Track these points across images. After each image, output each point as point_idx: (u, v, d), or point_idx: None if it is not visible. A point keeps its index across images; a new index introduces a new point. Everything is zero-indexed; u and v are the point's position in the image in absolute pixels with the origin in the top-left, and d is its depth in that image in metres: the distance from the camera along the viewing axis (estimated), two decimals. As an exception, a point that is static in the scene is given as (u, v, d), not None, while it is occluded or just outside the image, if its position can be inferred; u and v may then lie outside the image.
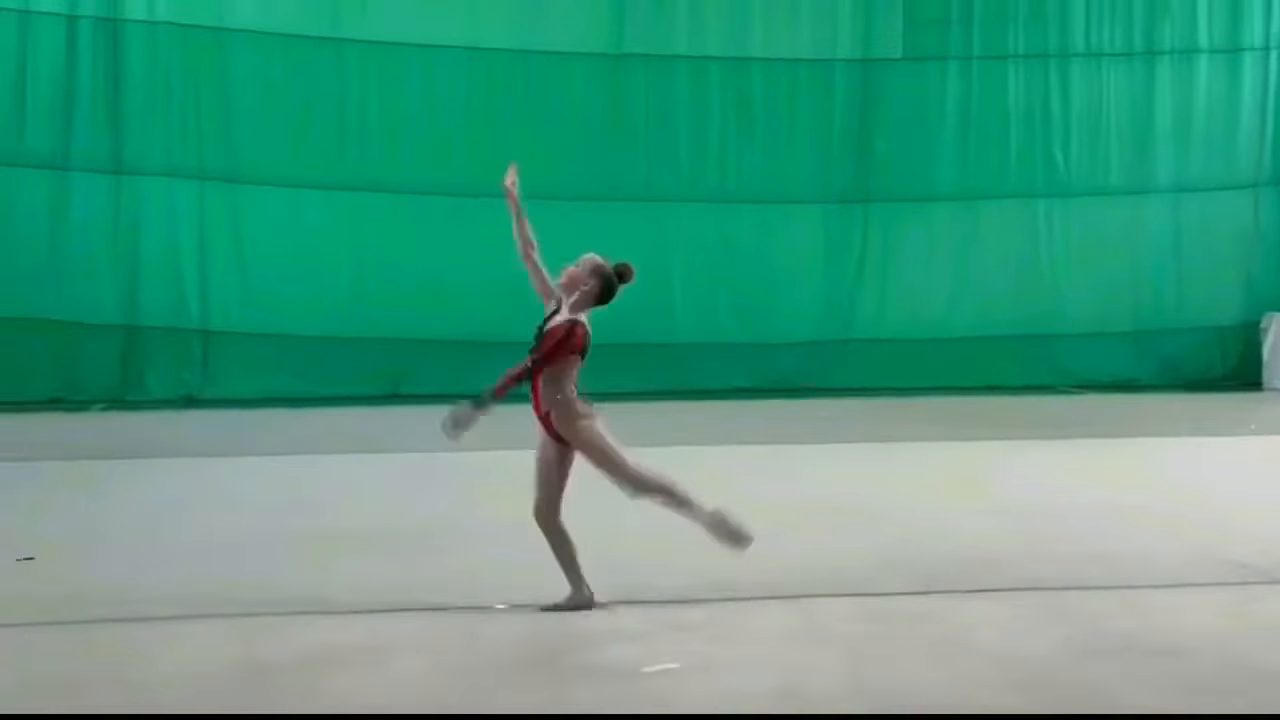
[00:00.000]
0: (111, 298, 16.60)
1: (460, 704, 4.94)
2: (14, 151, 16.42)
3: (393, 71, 17.23)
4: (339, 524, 8.48)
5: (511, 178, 6.77)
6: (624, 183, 17.50)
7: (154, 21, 16.78)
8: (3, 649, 5.62)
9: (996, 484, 9.99)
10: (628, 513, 8.77)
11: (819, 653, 5.58)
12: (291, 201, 17.11)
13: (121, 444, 12.74)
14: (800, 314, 17.75)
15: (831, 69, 17.85)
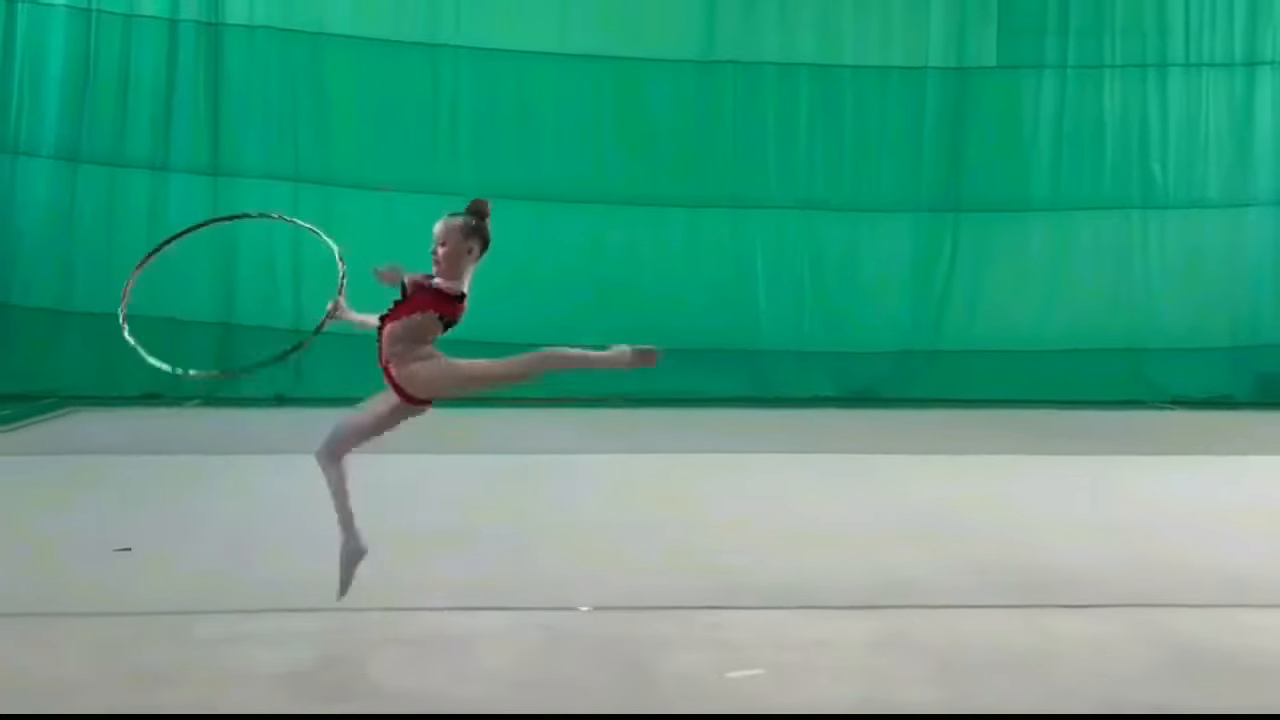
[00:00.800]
0: (207, 296, 16.95)
1: (540, 704, 4.98)
2: (116, 152, 16.84)
3: (485, 77, 17.42)
4: (427, 522, 8.58)
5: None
6: (711, 190, 17.52)
7: (253, 26, 17.12)
8: (99, 638, 5.76)
9: (1086, 499, 9.85)
10: (717, 515, 8.82)
11: (905, 664, 5.54)
12: (382, 204, 17.36)
13: (215, 440, 13.00)
14: (887, 323, 17.64)
15: (923, 76, 17.73)
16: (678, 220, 17.57)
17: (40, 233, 16.84)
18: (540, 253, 17.30)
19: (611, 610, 6.35)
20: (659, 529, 8.43)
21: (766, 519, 8.85)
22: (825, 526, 8.59)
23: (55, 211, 16.88)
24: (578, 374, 16.94)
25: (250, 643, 5.71)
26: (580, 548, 7.80)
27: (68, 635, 5.77)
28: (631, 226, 17.49)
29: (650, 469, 11.11)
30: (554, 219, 17.41)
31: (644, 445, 12.62)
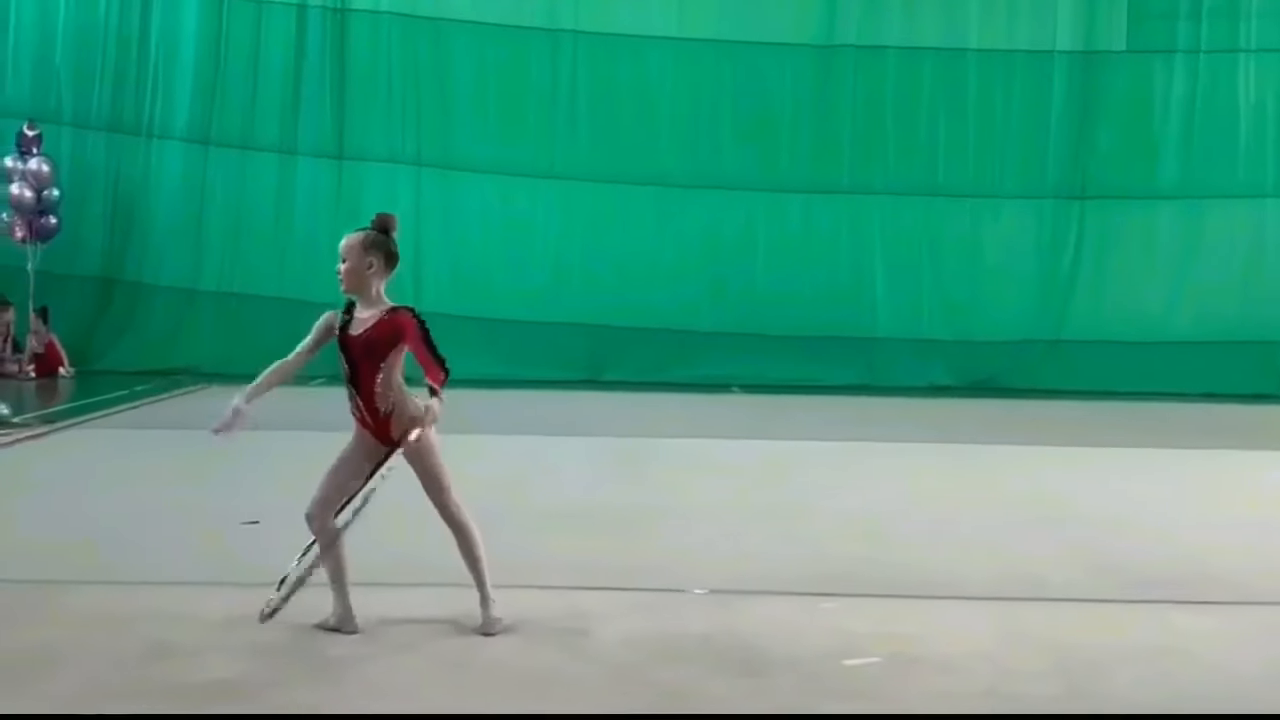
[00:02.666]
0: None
1: (658, 684, 5.00)
2: (245, 136, 17.26)
3: (604, 62, 17.50)
4: (544, 502, 8.67)
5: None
6: (829, 175, 17.40)
7: (378, 12, 17.40)
8: (227, 607, 5.91)
9: (1215, 494, 9.62)
10: (832, 503, 8.78)
11: (1026, 658, 5.46)
12: (501, 188, 17.55)
13: (339, 418, 13.24)
14: (1009, 312, 17.37)
15: (1050, 61, 17.40)
16: (795, 206, 17.48)
17: (173, 214, 17.34)
18: (657, 238, 17.37)
19: (725, 594, 6.35)
20: (773, 515, 8.41)
21: (883, 508, 8.78)
22: (944, 517, 8.50)
23: (187, 193, 17.36)
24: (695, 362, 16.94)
25: (374, 615, 5.82)
26: (694, 531, 7.81)
27: (198, 604, 5.94)
28: (749, 212, 17.45)
29: (765, 455, 11.09)
30: (671, 204, 17.44)
31: (759, 431, 12.59)
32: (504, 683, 4.97)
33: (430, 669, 5.13)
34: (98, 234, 17.20)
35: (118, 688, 4.79)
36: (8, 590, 6.17)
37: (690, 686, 4.99)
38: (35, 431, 11.41)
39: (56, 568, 6.61)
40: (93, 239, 17.20)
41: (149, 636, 5.43)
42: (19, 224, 16.47)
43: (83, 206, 17.06)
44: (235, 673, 4.99)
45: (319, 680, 4.98)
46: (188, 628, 5.57)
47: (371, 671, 5.08)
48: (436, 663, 5.21)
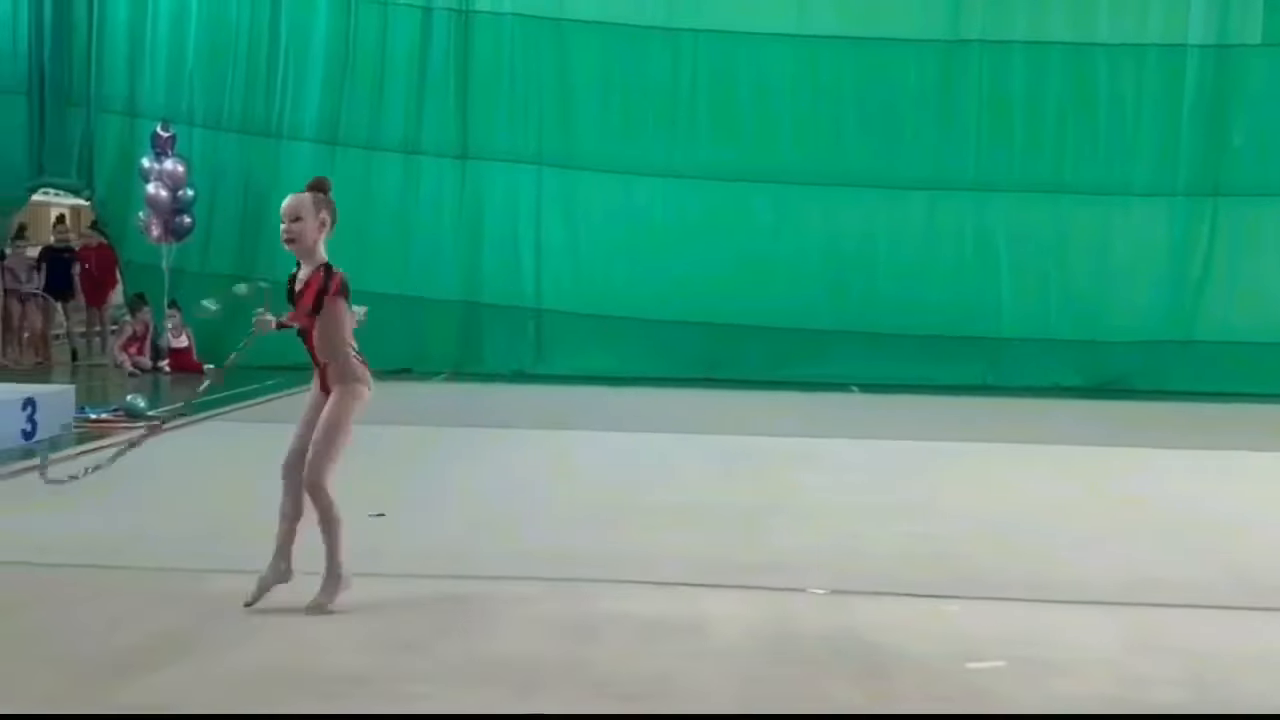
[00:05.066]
0: (455, 276, 17.57)
1: (777, 685, 5.00)
2: (372, 136, 17.58)
3: (724, 60, 17.48)
4: (661, 499, 8.71)
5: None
6: (956, 172, 17.16)
7: (500, 13, 17.60)
8: (354, 598, 6.03)
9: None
10: (953, 504, 8.68)
11: (1154, 664, 5.35)
12: (621, 186, 17.63)
13: (462, 413, 13.46)
14: (1138, 312, 16.97)
15: (1183, 55, 16.94)
16: (918, 203, 17.27)
17: (300, 214, 17.72)
18: (777, 236, 17.30)
19: (845, 594, 6.32)
20: (893, 515, 8.35)
21: (1006, 510, 8.66)
22: (1069, 520, 8.36)
23: (314, 192, 17.73)
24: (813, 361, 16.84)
25: (493, 610, 5.91)
26: (813, 531, 7.79)
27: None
28: (870, 210, 17.28)
29: (885, 455, 11.00)
30: (791, 202, 17.36)
31: (878, 431, 12.49)
32: (623, 681, 5.01)
33: (548, 667, 5.18)
34: (230, 232, 17.65)
35: (249, 675, 4.92)
36: (143, 578, 6.38)
37: (810, 688, 4.97)
38: (171, 424, 11.76)
39: (191, 556, 6.82)
40: (225, 237, 17.65)
41: (280, 625, 5.57)
42: (155, 223, 17.00)
43: (214, 205, 17.54)
44: (363, 664, 5.09)
45: (450, 675, 5.06)
46: (317, 618, 5.70)
47: (482, 665, 5.15)
48: (553, 661, 5.26)
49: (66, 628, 5.46)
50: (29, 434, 10.29)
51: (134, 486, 8.88)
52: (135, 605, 5.85)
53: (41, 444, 8.43)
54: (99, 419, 11.61)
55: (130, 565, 6.61)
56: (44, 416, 10.48)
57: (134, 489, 8.72)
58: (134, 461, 9.81)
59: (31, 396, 10.52)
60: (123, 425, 11.43)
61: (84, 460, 6.57)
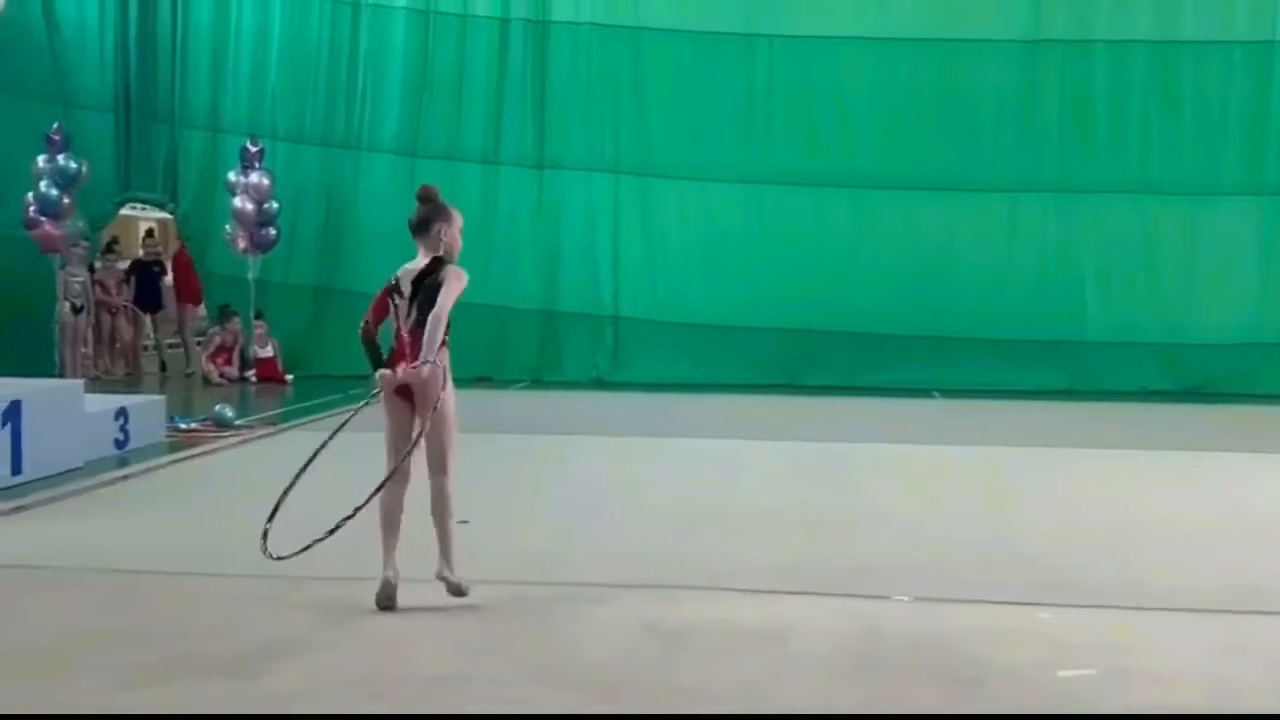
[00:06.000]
0: (533, 284, 17.67)
1: (865, 692, 4.96)
2: (451, 147, 17.73)
3: (801, 65, 17.40)
4: (744, 505, 8.68)
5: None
6: (1037, 173, 16.96)
7: (578, 23, 17.68)
8: (439, 604, 6.08)
9: None
10: (1041, 510, 8.57)
11: (1248, 670, 5.25)
12: (698, 194, 17.62)
13: (542, 420, 13.52)
14: (1226, 314, 16.63)
15: (1271, 51, 16.60)
16: (1000, 206, 17.08)
17: (382, 224, 17.88)
18: (856, 241, 17.19)
19: (931, 601, 6.26)
20: (979, 521, 8.26)
21: (1094, 515, 8.53)
22: (1160, 526, 8.22)
23: (395, 204, 17.86)
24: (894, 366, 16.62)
25: (579, 614, 5.93)
26: (897, 537, 7.73)
27: (411, 600, 6.13)
28: (950, 213, 17.11)
29: (968, 461, 10.89)
30: (870, 206, 17.24)
31: (961, 437, 12.36)
32: (711, 685, 5.00)
33: (631, 672, 5.19)
34: (312, 244, 17.90)
35: (343, 679, 4.98)
36: (237, 585, 6.48)
37: (898, 695, 4.93)
38: (259, 433, 11.96)
39: (278, 564, 6.91)
40: (307, 249, 17.90)
41: (374, 629, 5.64)
42: (241, 235, 17.29)
43: (297, 218, 17.79)
44: (451, 669, 5.14)
45: (534, 679, 5.09)
46: (401, 623, 5.76)
47: (567, 669, 5.17)
48: (637, 666, 5.27)
49: (178, 630, 5.57)
50: (121, 443, 10.52)
51: (224, 494, 9.04)
52: (236, 610, 5.94)
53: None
54: (189, 429, 11.82)
55: (222, 573, 6.71)
56: (136, 426, 10.72)
57: (224, 497, 8.88)
58: (224, 470, 9.97)
59: (124, 406, 10.75)
60: (212, 434, 11.64)
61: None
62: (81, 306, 16.47)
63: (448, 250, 6.07)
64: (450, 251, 6.08)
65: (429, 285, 5.93)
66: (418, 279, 5.96)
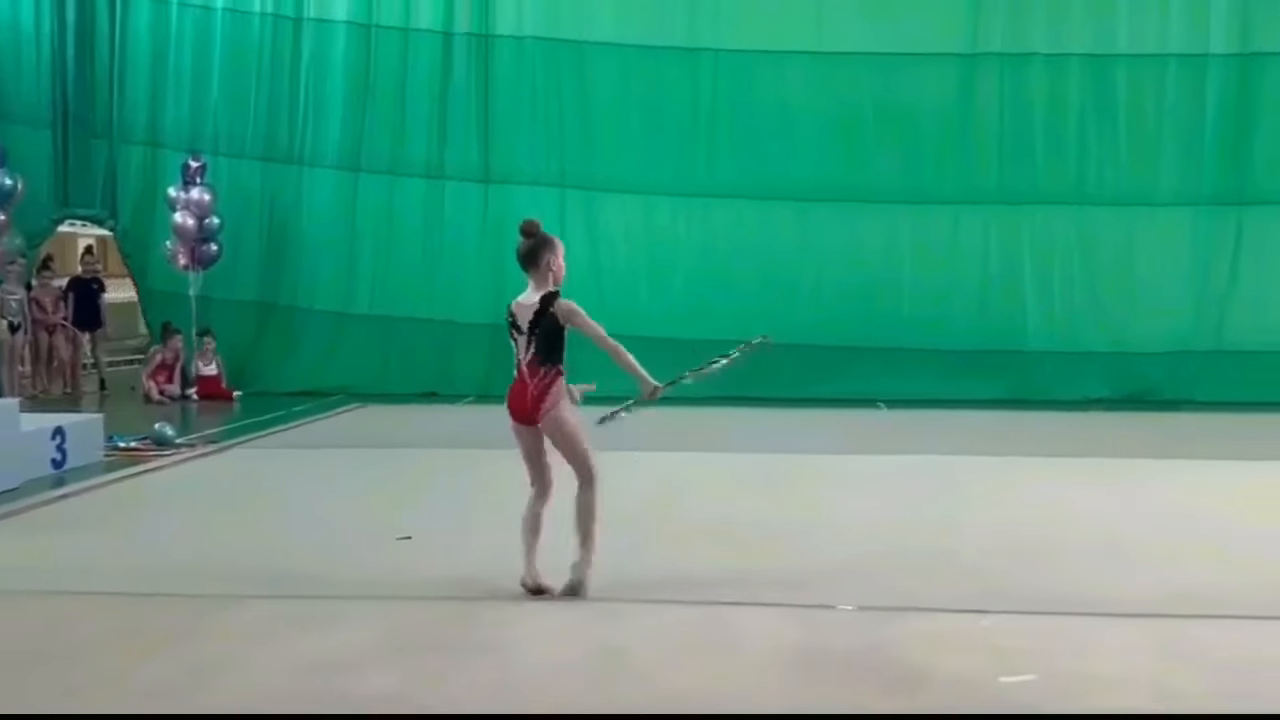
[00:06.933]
0: (480, 298, 17.57)
1: (810, 701, 4.97)
2: (395, 161, 17.65)
3: (743, 78, 17.47)
4: (692, 517, 8.69)
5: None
6: (978, 185, 17.10)
7: (521, 36, 17.67)
8: (384, 621, 6.05)
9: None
10: (983, 518, 8.63)
11: (1189, 675, 5.30)
12: (643, 208, 17.64)
13: (489, 435, 13.43)
14: (1165, 323, 16.83)
15: (1204, 64, 16.85)
16: (942, 218, 17.21)
17: (325, 239, 17.80)
18: (800, 253, 17.25)
19: (876, 610, 6.29)
20: (924, 530, 8.30)
21: (1037, 523, 8.60)
22: (1101, 532, 8.30)
23: (339, 219, 17.82)
24: (840, 378, 16.68)
25: (524, 630, 5.90)
26: (843, 547, 7.75)
27: (354, 617, 6.08)
28: (893, 225, 17.23)
29: (913, 470, 10.94)
30: (814, 219, 17.32)
31: (909, 447, 12.43)
32: (650, 697, 4.99)
33: (578, 686, 5.17)
34: (254, 260, 17.73)
35: (277, 701, 4.93)
36: (173, 605, 6.40)
37: (842, 703, 4.95)
38: (198, 451, 11.83)
39: (218, 583, 6.83)
40: (250, 265, 17.73)
41: (308, 650, 5.58)
42: (182, 251, 17.11)
43: (239, 233, 17.62)
44: (392, 687, 5.09)
45: (466, 692, 5.05)
46: (347, 641, 5.71)
47: (508, 689, 5.15)
48: (583, 681, 5.25)
49: (112, 650, 5.49)
50: (59, 463, 10.37)
51: (163, 514, 8.93)
52: (171, 631, 5.86)
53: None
54: (128, 448, 11.67)
55: (158, 593, 6.63)
56: (74, 445, 10.57)
57: (163, 517, 8.77)
58: (163, 489, 9.84)
59: (61, 426, 10.60)
60: (152, 453, 11.50)
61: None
62: (19, 325, 16.24)
63: (555, 278, 6.53)
64: (557, 278, 6.54)
65: (546, 324, 6.42)
66: (534, 319, 6.42)
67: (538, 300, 6.42)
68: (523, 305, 6.46)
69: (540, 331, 6.40)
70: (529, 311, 6.42)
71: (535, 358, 6.41)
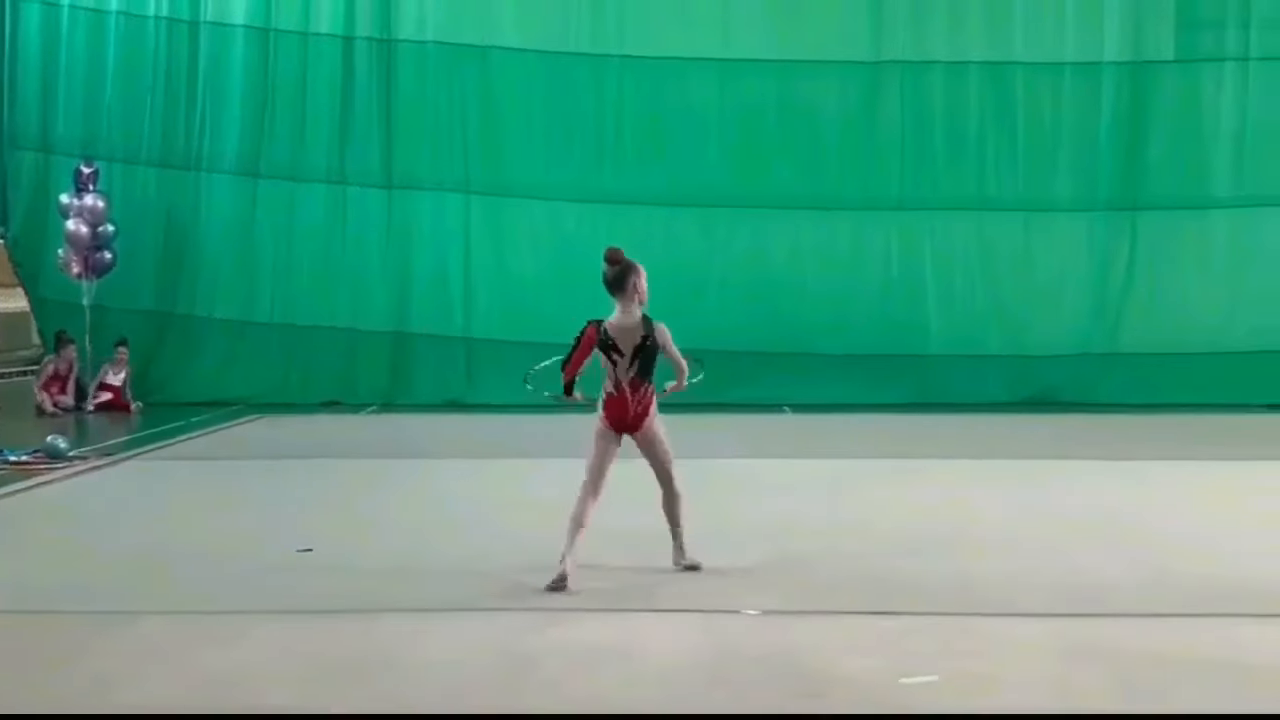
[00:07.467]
0: (383, 306, 17.41)
1: (710, 706, 4.97)
2: (295, 167, 17.40)
3: (649, 84, 17.50)
4: (598, 524, 8.61)
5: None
6: (880, 191, 17.29)
7: (423, 41, 17.52)
8: (284, 635, 5.94)
9: (1276, 507, 9.44)
10: (887, 521, 8.71)
11: (1088, 673, 5.38)
12: (549, 214, 17.59)
13: (393, 444, 13.32)
14: (1063, 326, 17.15)
15: (1098, 72, 17.21)
16: (844, 223, 17.38)
17: (224, 247, 17.49)
18: (706, 259, 17.31)
19: (780, 614, 6.31)
20: (828, 534, 8.35)
21: (938, 525, 8.69)
22: (1002, 533, 8.40)
23: (238, 226, 17.51)
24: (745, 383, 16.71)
25: (427, 642, 5.83)
26: (748, 552, 7.76)
27: (253, 632, 5.96)
28: (797, 231, 17.36)
29: (817, 474, 11.01)
30: (719, 225, 17.40)
31: (814, 451, 12.52)
32: (556, 708, 4.96)
33: (483, 696, 5.12)
34: (151, 268, 17.37)
35: (177, 713, 4.81)
36: (64, 622, 6.23)
37: (745, 707, 4.95)
38: (93, 464, 11.54)
39: (112, 599, 6.67)
40: (146, 273, 17.35)
41: (208, 666, 5.46)
42: (75, 259, 16.71)
43: (136, 241, 17.23)
44: (293, 698, 5.00)
45: (368, 706, 4.98)
46: (245, 656, 5.59)
47: (404, 702, 5.08)
48: (487, 691, 5.20)
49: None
50: (-55, 478, 10.06)
51: (53, 529, 8.71)
52: (63, 646, 5.70)
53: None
54: (19, 461, 11.35)
55: (51, 609, 6.44)
56: (-40, 460, 10.26)
57: (53, 531, 8.55)
58: (54, 503, 9.59)
59: (-53, 440, 10.29)
60: (44, 466, 11.19)
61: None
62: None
63: (640, 299, 7.14)
64: (642, 298, 7.15)
65: (649, 346, 7.10)
66: (640, 343, 7.09)
67: (639, 325, 7.07)
68: (622, 329, 7.08)
69: (643, 354, 7.09)
70: (633, 336, 7.07)
71: (636, 377, 7.11)
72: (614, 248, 7.23)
